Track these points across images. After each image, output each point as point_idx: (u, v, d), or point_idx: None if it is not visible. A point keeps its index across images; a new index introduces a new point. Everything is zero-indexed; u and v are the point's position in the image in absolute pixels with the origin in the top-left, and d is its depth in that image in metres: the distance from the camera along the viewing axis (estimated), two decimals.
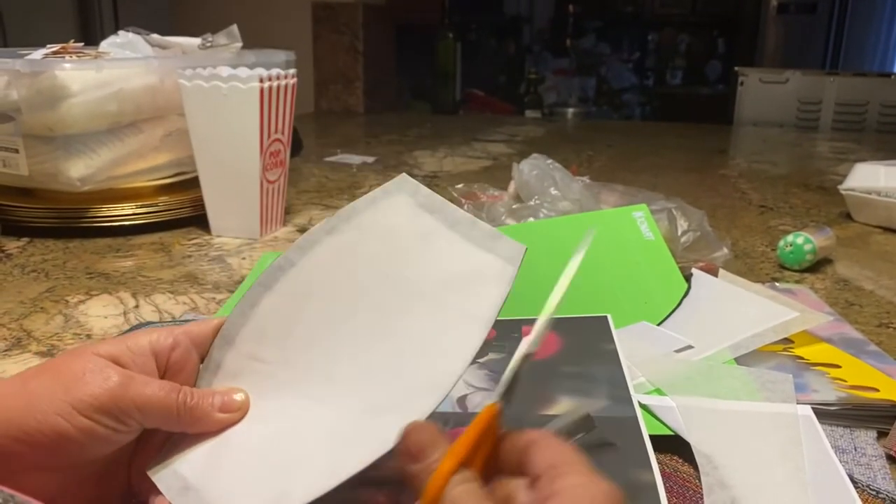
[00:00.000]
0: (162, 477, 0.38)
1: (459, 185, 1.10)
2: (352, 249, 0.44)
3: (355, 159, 1.64)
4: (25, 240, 0.99)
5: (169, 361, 0.40)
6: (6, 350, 0.66)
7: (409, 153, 1.75)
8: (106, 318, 0.74)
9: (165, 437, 0.40)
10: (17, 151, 0.98)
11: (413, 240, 0.43)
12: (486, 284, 0.41)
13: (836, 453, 0.47)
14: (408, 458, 0.32)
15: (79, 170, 0.97)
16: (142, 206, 1.03)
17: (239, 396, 0.40)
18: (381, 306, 0.42)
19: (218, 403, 0.39)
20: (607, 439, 0.47)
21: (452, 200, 1.09)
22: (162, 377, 0.39)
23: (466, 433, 0.31)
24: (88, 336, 0.69)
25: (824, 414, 0.52)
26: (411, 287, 0.42)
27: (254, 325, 0.43)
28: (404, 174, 0.45)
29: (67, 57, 1.00)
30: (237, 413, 0.40)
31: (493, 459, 0.33)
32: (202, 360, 0.42)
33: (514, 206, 0.90)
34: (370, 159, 1.64)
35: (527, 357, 0.37)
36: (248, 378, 0.42)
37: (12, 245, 0.97)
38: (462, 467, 0.31)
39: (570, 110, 3.33)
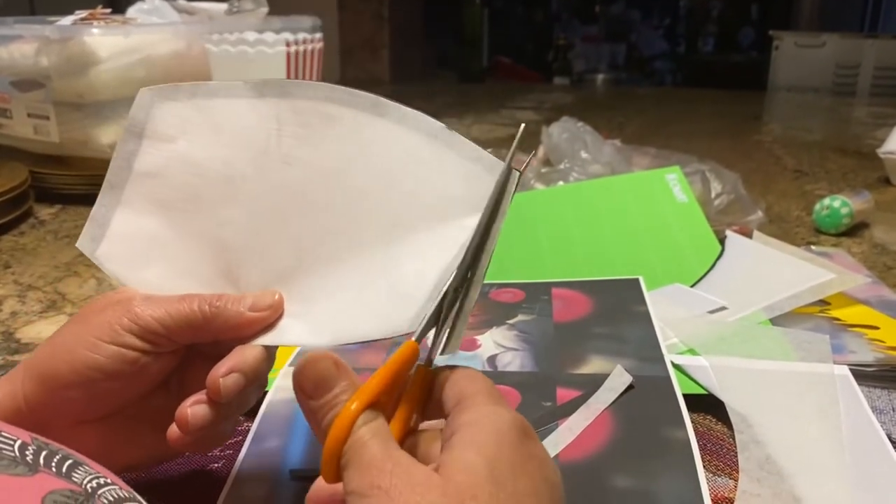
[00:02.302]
0: None
1: (487, 150, 1.09)
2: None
3: None
4: (58, 206, 1.00)
5: None
6: (42, 312, 0.67)
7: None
8: None
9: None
10: (47, 118, 0.99)
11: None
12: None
13: (874, 414, 0.46)
14: (304, 394, 0.29)
15: (109, 136, 0.98)
16: None
17: (270, 294, 0.37)
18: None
19: (247, 304, 0.36)
20: (641, 398, 0.46)
21: None
22: None
23: (379, 371, 0.29)
24: None
25: (862, 375, 0.51)
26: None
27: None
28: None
29: (96, 23, 1.00)
30: (270, 311, 0.36)
31: (420, 403, 0.31)
32: None
33: (543, 170, 0.89)
34: None
35: (456, 292, 0.32)
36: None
37: (45, 212, 0.98)
38: (371, 408, 0.28)
39: (600, 77, 3.27)
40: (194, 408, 0.34)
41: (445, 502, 0.25)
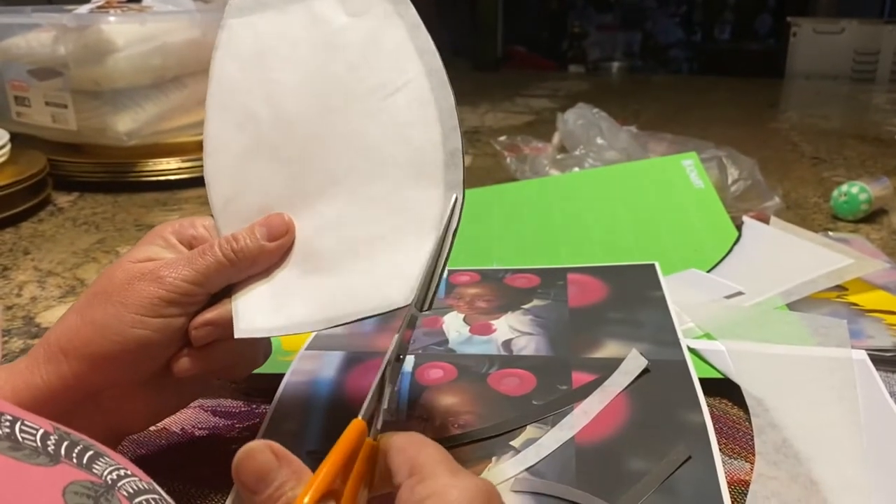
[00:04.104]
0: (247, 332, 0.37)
1: (502, 138, 1.09)
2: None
3: None
4: (76, 194, 1.01)
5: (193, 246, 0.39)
6: (62, 297, 0.68)
7: None
8: None
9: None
10: (65, 107, 0.99)
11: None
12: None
13: (891, 398, 0.46)
14: (247, 489, 0.27)
15: (126, 124, 0.98)
16: (187, 161, 1.04)
17: (279, 218, 0.38)
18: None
19: (262, 234, 0.37)
20: (657, 381, 0.46)
21: (495, 154, 1.08)
22: None
23: (328, 458, 0.27)
24: None
25: (880, 360, 0.50)
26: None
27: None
28: None
29: (112, 11, 1.00)
30: (287, 236, 0.38)
31: (368, 477, 0.29)
32: None
33: (558, 157, 0.89)
34: None
35: (397, 361, 0.32)
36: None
37: (63, 199, 0.99)
38: (327, 497, 0.26)
39: (615, 65, 3.24)
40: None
41: None
